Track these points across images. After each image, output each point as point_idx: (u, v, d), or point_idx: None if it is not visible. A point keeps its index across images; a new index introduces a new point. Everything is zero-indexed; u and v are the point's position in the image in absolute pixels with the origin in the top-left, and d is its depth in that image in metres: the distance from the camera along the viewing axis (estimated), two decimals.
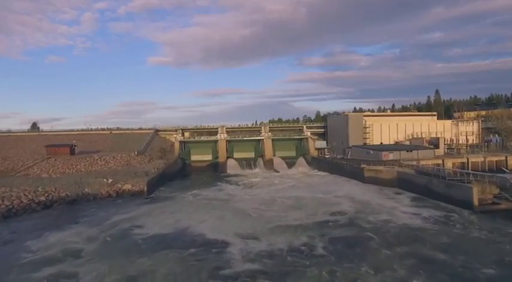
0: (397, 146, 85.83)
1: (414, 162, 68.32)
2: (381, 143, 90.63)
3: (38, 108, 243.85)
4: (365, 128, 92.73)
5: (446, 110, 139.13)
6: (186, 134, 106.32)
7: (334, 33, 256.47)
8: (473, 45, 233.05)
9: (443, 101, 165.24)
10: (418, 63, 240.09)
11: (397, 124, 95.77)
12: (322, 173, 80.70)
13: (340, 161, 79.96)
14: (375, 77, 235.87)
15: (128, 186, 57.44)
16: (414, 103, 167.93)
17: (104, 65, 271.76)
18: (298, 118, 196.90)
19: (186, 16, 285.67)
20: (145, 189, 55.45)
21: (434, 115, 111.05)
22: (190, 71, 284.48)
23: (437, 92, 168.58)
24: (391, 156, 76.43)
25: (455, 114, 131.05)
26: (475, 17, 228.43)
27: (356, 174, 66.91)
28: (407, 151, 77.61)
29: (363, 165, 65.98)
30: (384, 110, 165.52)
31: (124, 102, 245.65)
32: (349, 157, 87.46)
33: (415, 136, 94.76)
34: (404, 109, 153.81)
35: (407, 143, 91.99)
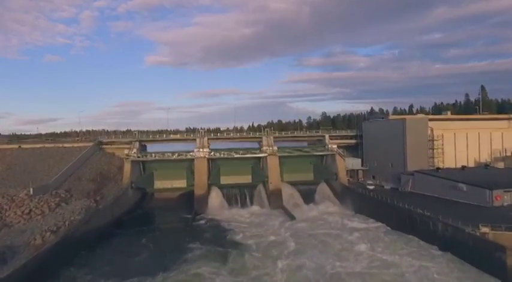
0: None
1: None
2: (463, 167, 54.46)
3: (35, 108, 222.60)
4: (431, 141, 57.00)
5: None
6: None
7: (335, 33, 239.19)
8: (471, 46, 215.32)
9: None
10: (417, 64, 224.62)
11: (478, 133, 60.00)
12: (374, 225, 44.83)
13: (409, 206, 44.00)
14: (373, 77, 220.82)
15: None
16: (435, 103, 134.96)
17: (102, 65, 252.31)
18: (300, 120, 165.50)
19: (187, 15, 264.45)
20: None
21: None
22: (188, 71, 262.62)
23: (483, 88, 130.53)
24: (507, 198, 41.03)
25: None
26: (475, 18, 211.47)
27: (470, 252, 31.21)
28: None
29: (487, 235, 30.35)
30: (401, 113, 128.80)
31: (121, 103, 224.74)
32: (409, 190, 52.23)
33: (508, 153, 59.26)
34: (450, 108, 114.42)
35: (501, 165, 56.55)
